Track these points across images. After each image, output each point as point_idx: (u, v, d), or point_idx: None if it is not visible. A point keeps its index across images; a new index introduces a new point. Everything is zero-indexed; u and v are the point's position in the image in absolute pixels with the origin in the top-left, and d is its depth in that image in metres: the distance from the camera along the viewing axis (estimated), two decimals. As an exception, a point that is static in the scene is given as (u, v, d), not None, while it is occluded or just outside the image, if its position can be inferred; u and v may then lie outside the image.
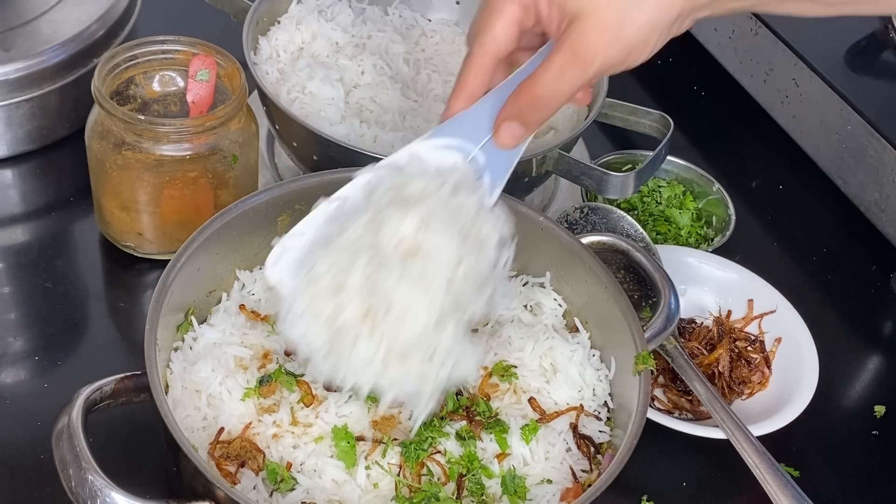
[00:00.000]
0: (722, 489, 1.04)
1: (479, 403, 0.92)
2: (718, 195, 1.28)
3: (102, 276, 1.16)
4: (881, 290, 1.26)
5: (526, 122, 0.81)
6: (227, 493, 0.77)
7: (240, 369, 0.93)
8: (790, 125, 1.37)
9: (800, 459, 1.04)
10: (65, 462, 0.78)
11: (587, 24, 0.75)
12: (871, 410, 1.13)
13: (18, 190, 1.24)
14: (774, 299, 1.13)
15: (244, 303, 0.98)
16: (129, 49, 1.09)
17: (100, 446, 0.79)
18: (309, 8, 1.26)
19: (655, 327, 0.96)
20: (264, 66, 1.19)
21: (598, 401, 0.95)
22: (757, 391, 1.09)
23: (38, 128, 1.23)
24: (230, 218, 0.96)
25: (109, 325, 1.12)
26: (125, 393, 0.85)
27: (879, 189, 1.25)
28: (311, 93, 1.16)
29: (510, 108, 0.81)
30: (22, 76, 1.18)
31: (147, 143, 1.04)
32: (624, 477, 0.83)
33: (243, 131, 1.08)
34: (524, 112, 0.81)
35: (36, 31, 1.22)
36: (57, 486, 0.78)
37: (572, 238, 1.00)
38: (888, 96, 1.30)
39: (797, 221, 1.34)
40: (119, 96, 1.09)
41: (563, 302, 1.02)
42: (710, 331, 1.12)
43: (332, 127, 1.14)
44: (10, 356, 1.06)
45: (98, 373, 0.85)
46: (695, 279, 1.15)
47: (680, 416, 1.06)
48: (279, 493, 0.84)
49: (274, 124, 1.16)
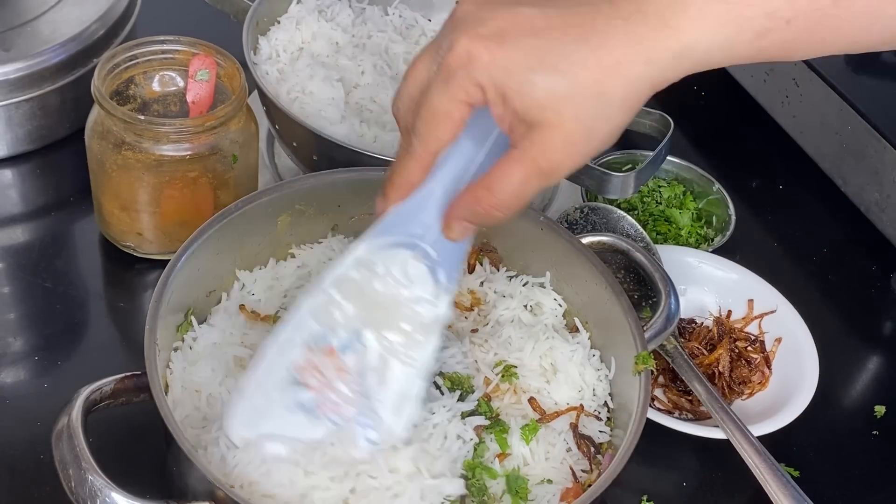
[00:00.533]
0: (722, 489, 1.04)
1: (480, 404, 0.92)
2: (718, 195, 1.28)
3: (102, 276, 1.16)
4: (881, 290, 1.26)
5: (481, 223, 0.78)
6: (226, 493, 0.77)
7: (240, 369, 0.93)
8: (790, 125, 1.37)
9: (800, 459, 1.04)
10: (65, 462, 0.78)
11: (551, 138, 0.70)
12: (871, 410, 1.12)
13: (18, 190, 1.24)
14: (774, 299, 1.13)
15: (244, 303, 0.98)
16: (129, 49, 1.09)
17: (100, 446, 0.79)
18: (309, 8, 1.26)
19: (655, 327, 0.96)
20: (264, 66, 1.19)
21: (598, 401, 0.95)
22: (757, 391, 1.09)
23: (38, 128, 1.23)
24: (230, 218, 0.96)
25: (109, 325, 1.12)
26: (125, 393, 0.85)
27: (879, 189, 1.25)
28: (311, 93, 1.16)
29: (464, 211, 0.77)
30: (22, 76, 1.18)
31: (147, 143, 1.04)
32: (624, 477, 0.83)
33: (243, 131, 1.08)
34: (481, 218, 0.77)
35: (36, 31, 1.22)
36: (57, 486, 0.78)
37: (572, 238, 1.00)
38: (888, 96, 1.30)
39: (797, 221, 1.34)
40: (119, 96, 1.09)
41: (563, 302, 1.02)
42: (710, 331, 1.13)
43: (332, 127, 1.14)
44: (10, 356, 1.06)
45: (98, 373, 0.85)
46: (695, 279, 1.15)
47: (680, 416, 1.06)
48: None
49: (274, 124, 1.16)
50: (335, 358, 0.82)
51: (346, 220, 1.05)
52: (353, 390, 0.83)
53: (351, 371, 0.83)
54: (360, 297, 0.83)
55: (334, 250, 1.04)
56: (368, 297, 0.82)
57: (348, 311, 0.83)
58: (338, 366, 0.83)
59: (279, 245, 1.03)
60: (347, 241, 1.05)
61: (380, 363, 0.83)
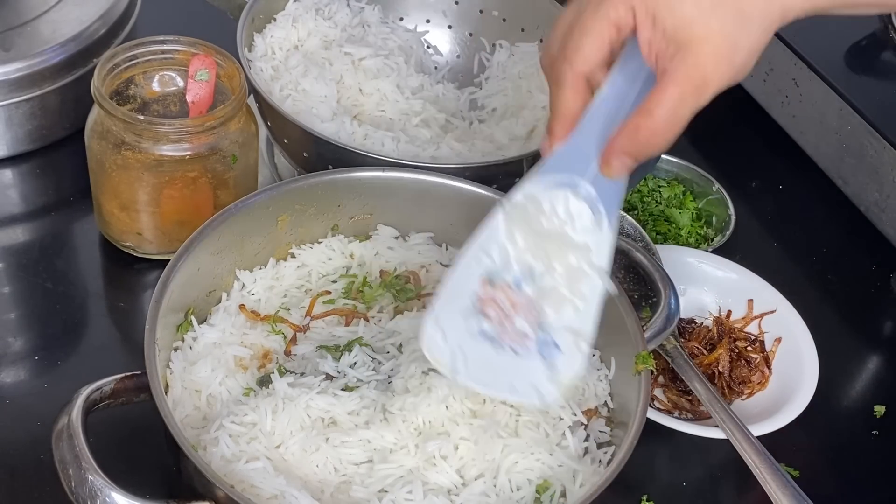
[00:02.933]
0: (722, 489, 1.04)
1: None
2: (718, 195, 1.28)
3: (102, 276, 1.16)
4: (881, 290, 1.26)
5: (640, 156, 0.79)
6: (226, 493, 0.77)
7: (240, 369, 0.93)
8: (790, 125, 1.37)
9: (800, 459, 1.04)
10: (65, 462, 0.78)
11: (700, 52, 0.74)
12: (871, 410, 1.12)
13: (18, 190, 1.24)
14: (774, 299, 1.13)
15: (244, 303, 0.98)
16: (129, 49, 1.09)
17: (100, 446, 0.79)
18: (306, 6, 1.26)
19: (655, 327, 0.96)
20: (259, 62, 1.19)
21: (598, 401, 0.95)
22: (757, 391, 1.09)
23: (38, 128, 1.23)
24: (230, 218, 0.96)
25: (109, 325, 1.12)
26: (125, 393, 0.85)
27: (879, 189, 1.25)
28: (303, 90, 1.16)
29: (626, 144, 0.79)
30: (22, 76, 1.18)
31: (147, 143, 1.04)
32: (624, 477, 0.83)
33: (243, 131, 1.08)
34: (640, 147, 0.78)
35: (36, 31, 1.22)
36: (57, 486, 0.78)
37: (572, 238, 1.00)
38: (888, 96, 1.30)
39: (797, 221, 1.34)
40: (119, 96, 1.09)
41: (563, 302, 1.02)
42: (710, 331, 1.13)
43: (322, 124, 1.13)
44: (10, 356, 1.06)
45: (98, 373, 0.85)
46: (695, 279, 1.15)
47: (680, 416, 1.06)
48: None
49: (266, 121, 1.16)
50: (511, 292, 0.84)
51: (346, 220, 1.05)
52: (531, 323, 0.84)
53: (526, 305, 0.84)
54: (530, 231, 0.84)
55: (334, 250, 1.04)
56: (536, 231, 0.84)
57: (519, 243, 0.84)
58: (513, 300, 0.84)
59: (279, 245, 1.03)
60: (347, 241, 1.05)
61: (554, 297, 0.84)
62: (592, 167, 0.81)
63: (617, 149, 0.79)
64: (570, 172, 0.82)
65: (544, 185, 0.83)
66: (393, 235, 1.06)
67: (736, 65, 0.75)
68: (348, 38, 1.26)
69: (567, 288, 0.83)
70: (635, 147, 0.79)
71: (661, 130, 0.77)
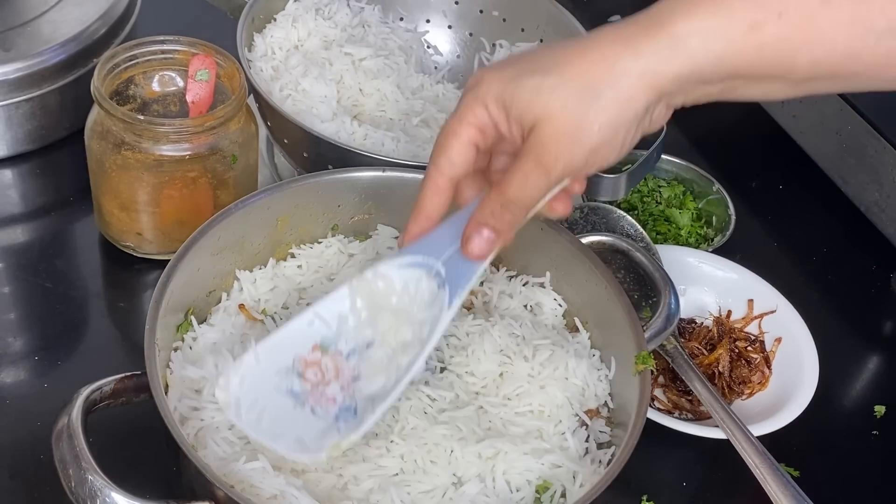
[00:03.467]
0: (722, 489, 1.04)
1: None
2: (718, 195, 1.28)
3: (102, 276, 1.16)
4: (881, 290, 1.26)
5: (496, 227, 0.80)
6: (226, 493, 0.77)
7: (239, 369, 0.93)
8: (790, 125, 1.37)
9: (800, 459, 1.04)
10: (65, 462, 0.78)
11: (542, 132, 0.74)
12: (871, 410, 1.12)
13: (18, 190, 1.24)
14: (774, 299, 1.13)
15: (244, 303, 0.98)
16: (129, 49, 1.09)
17: (100, 446, 0.79)
18: (306, 6, 1.26)
19: (655, 327, 0.96)
20: (259, 62, 1.19)
21: (598, 401, 0.95)
22: (757, 391, 1.09)
23: (38, 128, 1.23)
24: (230, 218, 0.96)
25: (109, 325, 1.12)
26: (125, 393, 0.85)
27: (879, 189, 1.25)
28: (303, 90, 1.16)
29: (479, 214, 0.80)
30: (22, 76, 1.18)
31: (146, 143, 1.04)
32: (624, 477, 0.83)
33: (243, 131, 1.08)
34: (494, 215, 0.79)
35: (36, 31, 1.22)
36: (57, 486, 0.78)
37: (572, 238, 1.00)
38: (888, 96, 1.29)
39: (797, 221, 1.34)
40: (119, 96, 1.09)
41: (563, 302, 1.02)
42: (710, 331, 1.13)
43: (322, 124, 1.13)
44: (10, 356, 1.06)
45: (98, 373, 0.85)
46: (695, 279, 1.15)
47: (680, 416, 1.06)
48: None
49: (266, 121, 1.16)
50: (340, 359, 0.86)
51: (346, 220, 1.05)
52: (344, 388, 0.85)
53: (348, 373, 0.85)
54: (374, 305, 0.85)
55: (334, 250, 1.04)
56: (382, 306, 0.85)
57: (362, 316, 0.86)
58: (339, 367, 0.85)
59: (279, 245, 1.03)
60: (347, 240, 1.05)
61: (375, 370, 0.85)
62: (449, 250, 0.83)
63: (473, 222, 0.80)
64: (426, 254, 0.84)
65: (398, 265, 0.84)
66: (393, 235, 1.05)
67: (584, 142, 0.74)
68: (348, 38, 1.26)
69: (390, 359, 0.84)
70: (489, 215, 0.79)
71: (512, 199, 0.78)
